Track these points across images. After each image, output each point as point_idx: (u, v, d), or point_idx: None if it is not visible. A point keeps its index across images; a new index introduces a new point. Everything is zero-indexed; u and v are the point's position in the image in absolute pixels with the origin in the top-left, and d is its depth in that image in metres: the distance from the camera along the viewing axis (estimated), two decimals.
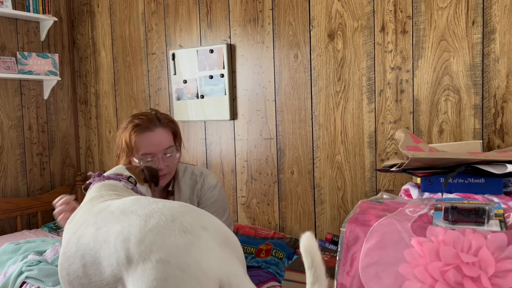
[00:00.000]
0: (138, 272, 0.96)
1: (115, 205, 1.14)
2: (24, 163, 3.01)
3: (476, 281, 0.86)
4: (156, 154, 1.56)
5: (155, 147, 1.55)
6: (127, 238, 1.01)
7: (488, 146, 1.84)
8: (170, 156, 1.59)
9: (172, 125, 1.63)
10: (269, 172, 2.43)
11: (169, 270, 0.94)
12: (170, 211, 1.05)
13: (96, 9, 3.12)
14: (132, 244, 0.99)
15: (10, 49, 2.93)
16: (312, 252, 0.90)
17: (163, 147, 1.56)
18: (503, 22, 1.76)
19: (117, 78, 3.05)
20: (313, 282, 0.91)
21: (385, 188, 2.07)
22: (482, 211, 0.98)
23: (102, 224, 1.09)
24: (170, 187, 1.70)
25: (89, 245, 1.07)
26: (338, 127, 2.18)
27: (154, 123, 1.57)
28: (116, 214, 1.09)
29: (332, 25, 2.16)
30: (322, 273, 0.91)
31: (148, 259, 0.95)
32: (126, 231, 1.02)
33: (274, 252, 2.02)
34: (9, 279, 1.95)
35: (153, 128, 1.56)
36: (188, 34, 2.66)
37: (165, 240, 0.98)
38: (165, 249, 0.96)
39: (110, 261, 1.01)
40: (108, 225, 1.07)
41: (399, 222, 0.97)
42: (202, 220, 1.06)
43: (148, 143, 1.54)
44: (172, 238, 0.98)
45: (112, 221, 1.08)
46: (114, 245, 1.02)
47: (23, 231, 2.81)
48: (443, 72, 1.90)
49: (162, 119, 1.61)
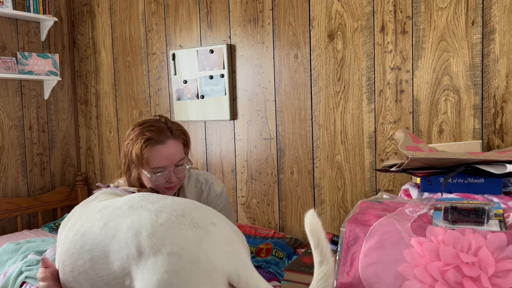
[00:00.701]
0: (149, 265, 0.97)
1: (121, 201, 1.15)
2: (25, 163, 3.01)
3: (476, 281, 0.86)
4: (168, 168, 1.50)
5: (167, 161, 1.48)
6: (138, 231, 1.02)
7: (487, 146, 1.84)
8: (181, 168, 1.54)
9: (184, 136, 1.57)
10: (269, 172, 2.43)
11: (180, 263, 0.95)
12: (180, 206, 1.07)
13: (96, 9, 3.12)
14: (143, 237, 1.00)
15: (11, 49, 2.93)
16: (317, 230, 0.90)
17: (175, 160, 1.50)
18: (502, 22, 1.77)
19: (117, 78, 3.05)
20: (321, 261, 0.91)
21: (385, 188, 2.08)
22: (482, 211, 0.98)
23: (109, 219, 1.10)
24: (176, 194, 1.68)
25: (96, 240, 1.08)
26: (338, 127, 2.18)
27: (166, 135, 1.49)
28: (124, 209, 1.10)
29: (332, 25, 2.16)
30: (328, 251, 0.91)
31: (160, 252, 0.97)
32: (137, 224, 1.03)
33: (274, 252, 2.03)
34: (9, 278, 1.95)
35: (165, 140, 1.48)
36: (188, 34, 2.67)
37: (177, 234, 0.99)
38: (177, 243, 0.97)
39: (120, 254, 1.02)
40: (117, 219, 1.08)
41: (399, 222, 0.97)
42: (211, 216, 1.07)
43: (160, 157, 1.47)
44: (184, 232, 0.99)
45: (121, 215, 1.09)
46: (125, 239, 1.03)
47: (23, 231, 2.81)
48: (443, 72, 1.90)
49: (174, 130, 1.53)
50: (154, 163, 1.47)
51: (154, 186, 1.52)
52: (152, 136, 1.47)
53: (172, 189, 1.57)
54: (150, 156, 1.46)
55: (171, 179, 1.51)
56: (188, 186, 1.68)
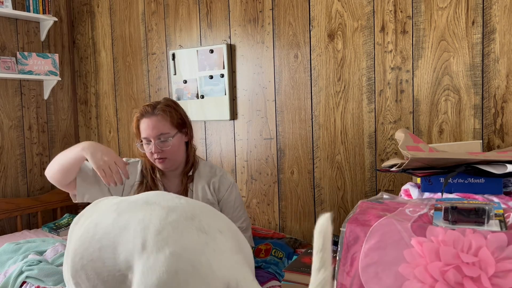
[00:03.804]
0: (150, 262, 0.97)
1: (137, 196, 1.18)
2: (24, 163, 3.01)
3: (476, 281, 0.86)
4: (151, 139, 1.75)
5: (149, 132, 1.75)
6: (147, 226, 1.03)
7: (488, 146, 1.84)
8: (164, 142, 1.75)
9: (167, 113, 1.78)
10: (269, 172, 2.43)
11: (180, 264, 0.95)
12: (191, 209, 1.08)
13: (96, 9, 3.12)
14: (150, 232, 1.01)
15: (10, 49, 2.93)
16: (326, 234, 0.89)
17: (156, 133, 1.74)
18: (503, 22, 1.76)
19: (117, 78, 3.05)
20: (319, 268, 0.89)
21: (385, 188, 2.08)
22: (482, 211, 0.98)
23: (123, 211, 1.12)
24: (191, 173, 1.86)
25: (107, 229, 1.10)
26: (338, 127, 2.18)
27: (151, 111, 1.77)
28: (139, 204, 1.12)
29: (332, 25, 2.16)
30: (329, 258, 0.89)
31: (162, 250, 0.97)
32: (147, 219, 1.05)
33: (274, 252, 2.02)
34: (9, 278, 1.95)
35: (149, 115, 1.76)
36: (188, 34, 2.67)
37: (182, 235, 1.00)
38: (180, 244, 0.98)
39: (127, 246, 1.03)
40: (130, 213, 1.10)
41: (399, 222, 0.97)
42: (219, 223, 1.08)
43: (145, 128, 1.76)
44: (189, 235, 1.00)
45: (134, 209, 1.11)
46: (134, 232, 1.04)
47: (23, 231, 2.81)
48: (443, 72, 1.90)
49: (159, 107, 1.78)
50: (142, 134, 1.77)
51: (148, 155, 1.78)
52: (142, 110, 1.78)
53: (162, 162, 1.77)
54: (140, 127, 1.79)
55: (153, 150, 1.74)
56: (204, 168, 1.88)
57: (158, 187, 1.83)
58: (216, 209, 1.78)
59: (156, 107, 1.78)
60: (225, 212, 1.82)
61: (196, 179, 1.85)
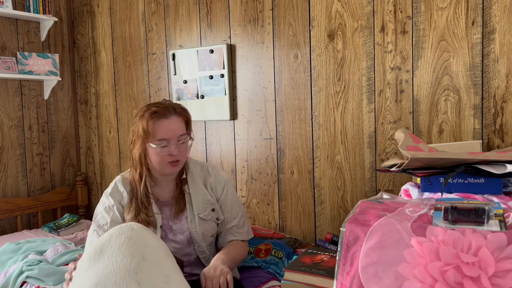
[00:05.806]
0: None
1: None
2: (25, 163, 3.01)
3: (476, 281, 0.86)
4: (171, 140, 1.66)
5: (170, 133, 1.66)
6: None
7: (487, 146, 1.84)
8: (183, 143, 1.70)
9: (185, 114, 1.74)
10: (269, 172, 2.43)
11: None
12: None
13: (96, 9, 3.12)
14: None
15: (11, 49, 2.93)
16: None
17: (177, 134, 1.67)
18: (503, 22, 1.77)
19: (117, 78, 3.05)
20: None
21: (385, 188, 2.08)
22: (482, 211, 0.98)
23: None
24: (184, 175, 1.80)
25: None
26: (338, 127, 2.18)
27: (170, 111, 1.68)
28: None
29: (332, 25, 2.16)
30: None
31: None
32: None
33: (274, 252, 2.02)
34: (10, 278, 1.95)
35: (169, 116, 1.67)
36: (188, 34, 2.67)
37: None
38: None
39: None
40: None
41: (399, 222, 0.97)
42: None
43: (164, 129, 1.65)
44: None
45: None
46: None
47: (23, 231, 2.81)
48: (443, 72, 1.90)
49: (177, 108, 1.72)
50: (159, 135, 1.65)
51: (159, 158, 1.66)
52: (157, 110, 1.67)
53: (175, 165, 1.69)
54: (156, 128, 1.65)
55: (174, 152, 1.66)
56: (194, 168, 1.83)
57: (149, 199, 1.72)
58: (216, 208, 1.78)
59: (174, 108, 1.71)
60: (224, 212, 1.81)
61: (191, 181, 1.79)
